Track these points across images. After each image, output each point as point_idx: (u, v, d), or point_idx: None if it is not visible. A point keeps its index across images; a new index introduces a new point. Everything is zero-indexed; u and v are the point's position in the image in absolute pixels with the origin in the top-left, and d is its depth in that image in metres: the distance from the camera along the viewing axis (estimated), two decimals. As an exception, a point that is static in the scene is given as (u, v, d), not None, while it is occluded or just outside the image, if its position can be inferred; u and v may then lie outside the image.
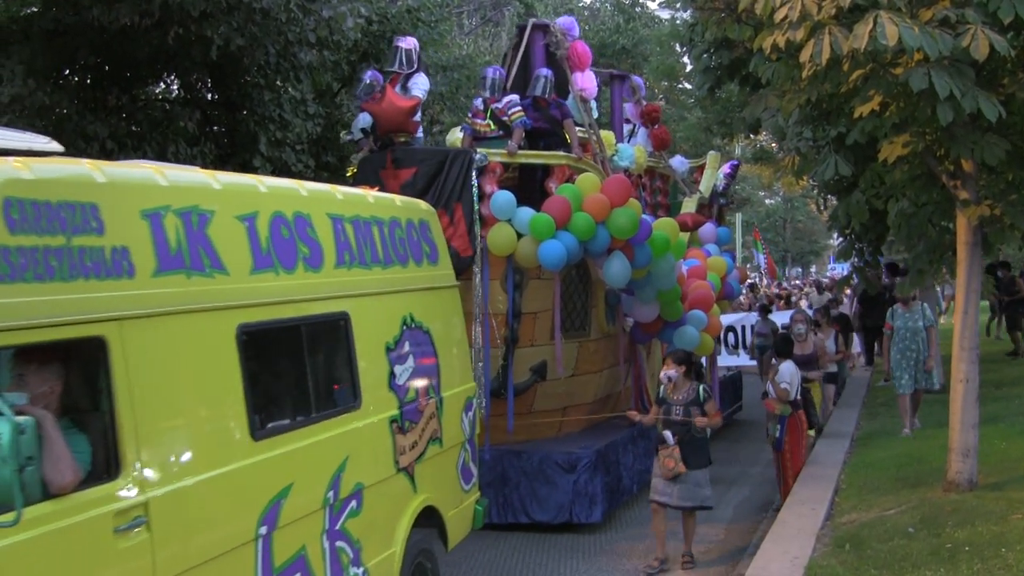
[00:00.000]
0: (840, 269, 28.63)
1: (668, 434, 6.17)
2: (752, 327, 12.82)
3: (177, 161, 8.72)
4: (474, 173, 6.97)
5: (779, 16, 5.17)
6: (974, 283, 6.69)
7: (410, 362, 4.96)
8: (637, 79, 10.66)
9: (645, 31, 26.96)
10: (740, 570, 6.01)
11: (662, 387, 6.42)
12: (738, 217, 32.43)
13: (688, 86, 25.56)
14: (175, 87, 11.41)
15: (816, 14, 5.10)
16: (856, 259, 14.11)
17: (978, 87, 5.52)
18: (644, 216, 7.48)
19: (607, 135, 8.93)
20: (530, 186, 7.62)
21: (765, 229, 44.57)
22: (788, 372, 7.66)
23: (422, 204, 5.68)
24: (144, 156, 8.85)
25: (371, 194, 5.06)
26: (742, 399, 12.82)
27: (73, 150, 7.55)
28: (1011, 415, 9.17)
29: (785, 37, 5.22)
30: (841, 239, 14.83)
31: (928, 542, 5.52)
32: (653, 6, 30.25)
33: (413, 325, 5.04)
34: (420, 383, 5.07)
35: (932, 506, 6.20)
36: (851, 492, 7.18)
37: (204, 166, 6.86)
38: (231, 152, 10.46)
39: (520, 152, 7.42)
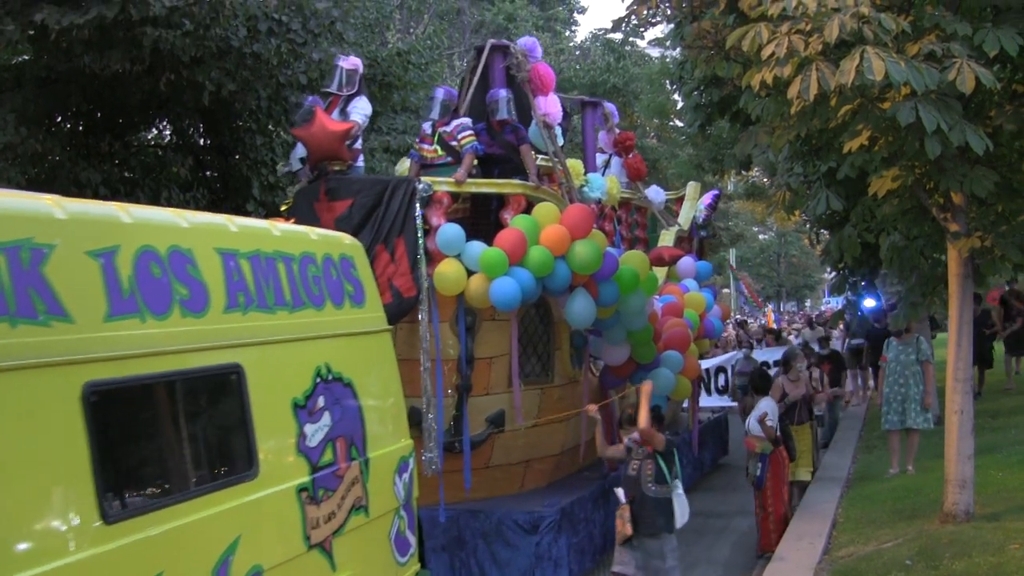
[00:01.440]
0: (835, 303, 28.15)
1: (619, 491, 5.52)
2: (733, 367, 12.37)
3: (170, 206, 8.63)
4: (418, 204, 6.31)
5: (766, 53, 5.09)
6: (966, 315, 6.71)
7: (326, 420, 4.29)
8: (610, 105, 10.04)
9: (636, 69, 27.00)
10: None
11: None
12: (731, 252, 32.06)
13: (679, 123, 25.44)
14: (167, 133, 11.56)
15: (803, 50, 5.04)
16: (850, 293, 13.72)
17: (966, 120, 5.50)
18: (609, 249, 6.88)
19: (575, 164, 8.28)
20: (484, 218, 6.98)
21: (759, 264, 44.28)
22: (771, 408, 7.40)
23: (345, 238, 5.02)
24: (137, 202, 8.85)
25: (278, 226, 4.41)
26: (728, 443, 12.12)
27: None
28: (1008, 445, 9.06)
29: (773, 73, 5.18)
30: (834, 273, 14.47)
31: (926, 574, 5.49)
32: (643, 45, 30.31)
33: (330, 377, 4.38)
34: (339, 444, 4.39)
35: (929, 538, 6.13)
36: (848, 525, 7.10)
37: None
38: (224, 197, 10.49)
39: (470, 180, 6.77)
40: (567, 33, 32.78)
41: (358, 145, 6.92)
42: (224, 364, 3.70)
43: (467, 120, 7.16)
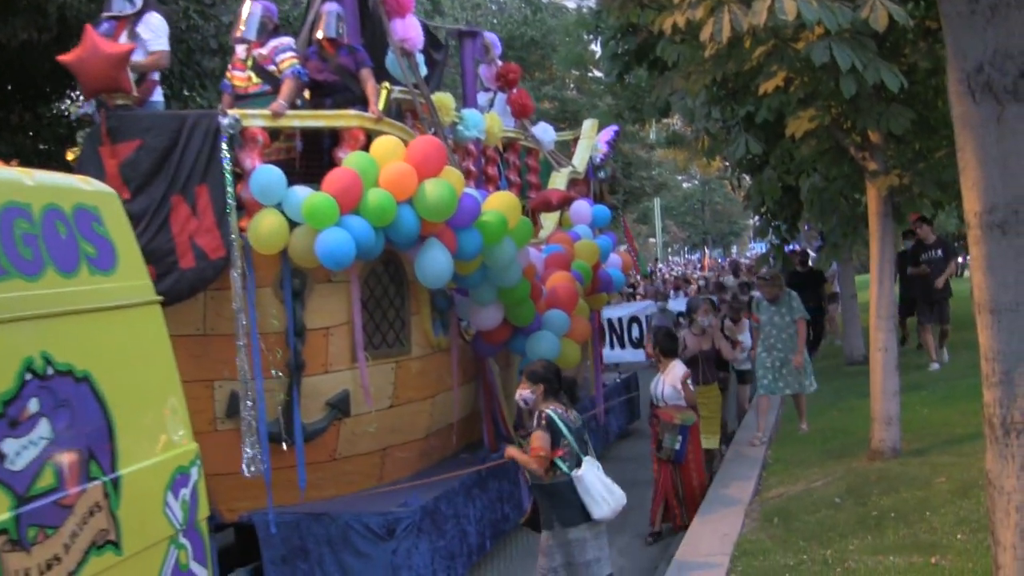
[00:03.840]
0: (760, 249, 28.81)
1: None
2: (648, 319, 11.43)
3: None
4: (224, 144, 5.06)
5: (678, -4, 4.96)
6: (888, 253, 6.77)
7: (42, 431, 3.21)
8: (490, 36, 8.50)
9: (553, 21, 26.64)
10: (671, 552, 5.68)
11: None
12: (656, 202, 32.43)
13: (598, 74, 25.33)
14: (80, 102, 11.27)
15: (716, -8, 4.94)
16: (773, 237, 13.99)
17: (880, 58, 5.49)
18: (468, 191, 5.68)
19: (443, 98, 6.75)
20: (317, 160, 5.72)
21: (684, 212, 44.81)
22: (685, 372, 6.55)
23: (86, 183, 3.83)
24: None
25: None
26: (638, 407, 10.53)
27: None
28: (933, 382, 9.26)
29: (685, 17, 5.07)
30: (758, 218, 14.70)
31: (855, 511, 5.55)
32: (560, -4, 29.83)
33: (51, 371, 3.29)
34: (66, 462, 3.31)
35: (857, 475, 6.21)
36: (778, 467, 7.13)
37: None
38: (141, 164, 10.37)
39: (292, 113, 5.48)
40: (483, -13, 32.12)
41: (155, 76, 5.70)
42: None
43: (288, 39, 5.94)
